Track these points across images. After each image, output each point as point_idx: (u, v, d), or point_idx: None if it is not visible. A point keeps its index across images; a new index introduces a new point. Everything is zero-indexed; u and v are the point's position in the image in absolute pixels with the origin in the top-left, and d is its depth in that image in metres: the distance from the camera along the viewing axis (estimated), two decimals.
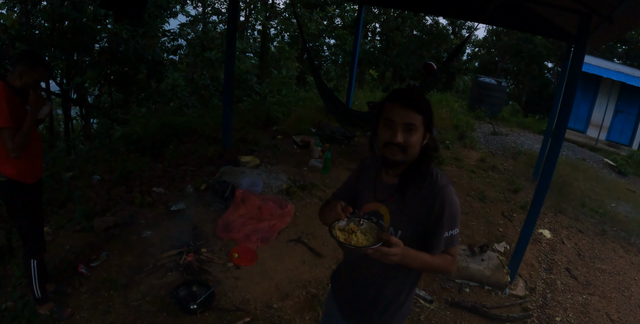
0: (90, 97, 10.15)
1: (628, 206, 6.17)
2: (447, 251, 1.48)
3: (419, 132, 1.40)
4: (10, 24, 7.54)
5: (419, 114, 1.38)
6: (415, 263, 1.42)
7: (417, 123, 1.39)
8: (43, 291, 2.62)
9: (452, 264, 1.50)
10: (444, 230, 1.44)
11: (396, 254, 1.33)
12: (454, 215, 1.45)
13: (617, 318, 3.58)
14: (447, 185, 1.46)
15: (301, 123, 6.85)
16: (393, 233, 1.49)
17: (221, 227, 3.76)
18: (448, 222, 1.44)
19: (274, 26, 13.39)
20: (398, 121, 1.38)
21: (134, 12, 4.30)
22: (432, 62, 6.05)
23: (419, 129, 1.40)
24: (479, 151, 7.24)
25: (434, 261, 1.46)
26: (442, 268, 1.50)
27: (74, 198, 4.01)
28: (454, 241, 1.47)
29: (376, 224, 1.46)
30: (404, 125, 1.38)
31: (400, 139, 1.39)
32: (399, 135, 1.39)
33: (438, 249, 1.46)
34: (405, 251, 1.37)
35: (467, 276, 3.59)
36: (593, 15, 3.12)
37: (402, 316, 1.63)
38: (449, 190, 1.45)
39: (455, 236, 1.47)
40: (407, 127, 1.38)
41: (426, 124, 1.41)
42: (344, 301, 1.69)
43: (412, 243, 1.46)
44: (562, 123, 3.32)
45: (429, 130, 1.44)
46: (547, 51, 13.77)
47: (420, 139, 1.42)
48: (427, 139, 1.45)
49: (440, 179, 1.47)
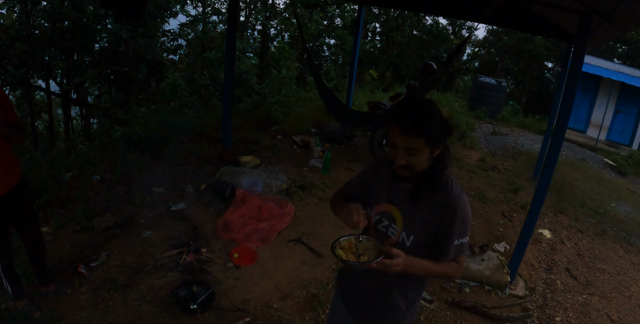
0: (90, 97, 10.15)
1: (628, 206, 6.17)
2: (454, 258, 1.50)
3: (423, 154, 1.39)
4: (10, 24, 7.54)
5: (420, 137, 1.35)
6: (419, 271, 1.46)
7: (419, 147, 1.37)
8: (15, 289, 2.65)
9: (458, 271, 1.52)
10: (455, 238, 1.45)
11: (399, 264, 1.37)
12: (465, 224, 1.46)
13: (617, 318, 3.58)
14: (462, 194, 1.47)
15: (301, 123, 6.85)
16: (405, 238, 1.50)
17: (221, 227, 3.76)
18: (459, 230, 1.45)
19: (274, 26, 13.40)
20: (399, 144, 1.38)
21: (134, 12, 4.30)
22: (432, 62, 6.04)
23: (421, 152, 1.38)
24: (479, 151, 7.24)
25: (437, 268, 1.48)
26: (447, 274, 1.52)
27: (74, 198, 4.01)
28: (464, 249, 1.49)
29: (375, 239, 1.50)
30: (405, 149, 1.38)
31: (402, 161, 1.40)
32: (400, 158, 1.40)
33: (447, 256, 1.47)
34: (408, 260, 1.40)
35: (467, 276, 3.59)
36: (593, 15, 3.11)
37: (411, 315, 1.66)
38: (462, 199, 1.46)
39: (465, 244, 1.49)
40: (408, 151, 1.38)
41: (432, 143, 1.38)
42: (353, 303, 1.70)
43: (423, 248, 1.49)
44: (562, 123, 3.32)
45: (438, 145, 1.41)
46: (547, 51, 13.79)
47: (427, 157, 1.41)
48: (439, 150, 1.43)
49: (455, 188, 1.47)
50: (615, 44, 14.36)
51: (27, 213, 2.60)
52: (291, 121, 6.95)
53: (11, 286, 2.63)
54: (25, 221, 2.62)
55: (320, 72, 12.57)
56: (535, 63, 14.41)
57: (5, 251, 2.57)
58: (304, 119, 7.02)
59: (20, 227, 2.63)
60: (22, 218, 2.59)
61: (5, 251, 2.57)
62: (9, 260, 2.59)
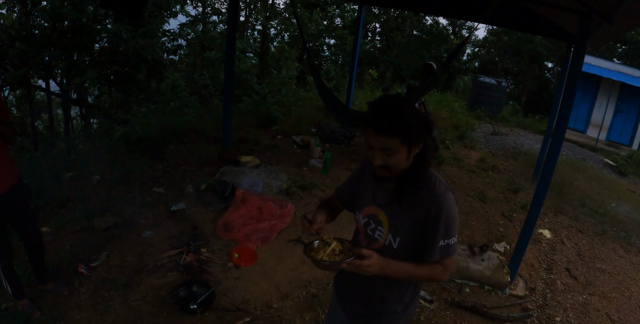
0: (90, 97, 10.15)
1: (628, 206, 6.16)
2: (440, 261, 1.44)
3: (399, 153, 1.35)
4: (10, 24, 7.54)
5: (394, 137, 1.31)
6: (397, 274, 1.42)
7: (394, 146, 1.33)
8: (15, 289, 2.66)
9: (443, 274, 1.46)
10: (439, 239, 1.40)
11: (370, 265, 1.33)
12: (450, 224, 1.40)
13: (617, 318, 3.58)
14: (445, 193, 1.41)
15: (301, 123, 6.85)
16: (392, 240, 1.47)
17: (221, 227, 3.76)
18: (443, 231, 1.40)
19: (274, 26, 13.40)
20: (375, 145, 1.35)
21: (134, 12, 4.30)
22: (432, 62, 6.05)
23: (397, 151, 1.34)
24: (479, 151, 7.24)
25: (419, 271, 1.43)
26: (431, 278, 1.47)
27: (74, 198, 4.01)
28: (450, 251, 1.42)
29: (348, 241, 1.48)
30: (381, 149, 1.35)
31: (379, 162, 1.37)
32: (377, 159, 1.37)
33: (432, 258, 1.42)
34: (384, 261, 1.36)
35: (467, 276, 3.59)
36: (593, 15, 3.11)
37: (407, 317, 1.63)
38: (446, 198, 1.40)
39: (451, 246, 1.42)
40: (384, 151, 1.35)
41: (409, 142, 1.34)
42: (349, 305, 1.69)
43: (411, 250, 1.46)
44: (562, 123, 3.32)
45: (416, 143, 1.37)
46: (547, 51, 13.79)
47: (404, 156, 1.37)
48: (418, 149, 1.39)
49: (438, 186, 1.42)
50: (615, 44, 14.36)
51: (25, 212, 2.62)
52: (291, 121, 6.95)
53: (11, 286, 2.64)
54: (24, 220, 2.63)
55: (320, 72, 12.57)
56: (535, 63, 14.41)
57: (5, 251, 2.58)
58: (304, 119, 7.02)
59: (19, 227, 2.65)
60: (21, 217, 2.60)
61: (5, 251, 2.58)
62: (8, 260, 2.60)
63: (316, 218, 1.52)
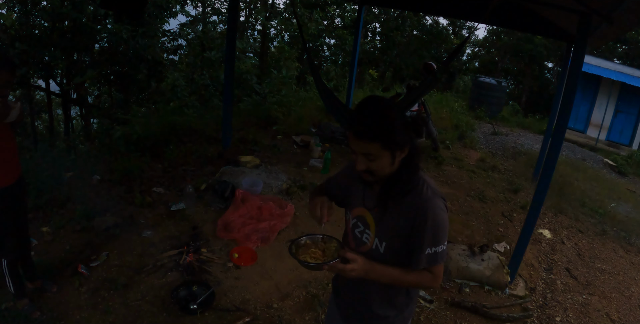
0: (90, 97, 10.16)
1: (628, 206, 6.16)
2: (428, 269, 1.39)
3: (382, 157, 1.31)
4: (10, 24, 7.55)
5: (375, 142, 1.27)
6: (383, 279, 1.39)
7: (375, 152, 1.29)
8: (17, 288, 2.65)
9: (433, 282, 1.42)
10: (426, 247, 1.35)
11: (353, 269, 1.31)
12: (437, 231, 1.34)
13: (617, 318, 3.58)
14: (433, 198, 1.35)
15: (301, 123, 6.85)
16: (378, 244, 1.43)
17: (221, 227, 3.76)
18: (430, 238, 1.34)
19: (274, 26, 13.41)
20: (357, 150, 1.32)
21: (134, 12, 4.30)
22: (432, 62, 6.05)
23: (379, 156, 1.30)
24: (479, 151, 7.23)
25: (405, 277, 1.40)
26: (418, 284, 1.44)
27: (74, 198, 4.01)
28: (438, 258, 1.37)
29: (337, 241, 1.46)
30: (363, 154, 1.32)
31: (362, 166, 1.34)
32: (360, 163, 1.34)
33: (419, 266, 1.37)
34: (369, 266, 1.34)
35: (467, 276, 3.59)
36: (593, 15, 3.11)
37: (405, 319, 1.60)
38: (433, 204, 1.34)
39: (439, 254, 1.36)
40: (366, 156, 1.32)
41: (390, 147, 1.29)
42: (346, 306, 1.67)
43: (398, 255, 1.42)
44: (562, 123, 3.32)
45: (401, 148, 1.32)
46: (547, 51, 13.78)
47: (387, 161, 1.32)
48: (404, 153, 1.35)
49: (426, 192, 1.36)
50: (615, 44, 14.35)
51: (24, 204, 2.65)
52: (291, 121, 6.94)
53: (14, 285, 2.63)
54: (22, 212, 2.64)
55: (320, 72, 12.57)
56: (535, 63, 14.40)
57: (15, 246, 2.57)
58: (304, 119, 7.02)
59: (18, 220, 2.64)
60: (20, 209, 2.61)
61: (15, 247, 2.57)
62: (16, 256, 2.60)
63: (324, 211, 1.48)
